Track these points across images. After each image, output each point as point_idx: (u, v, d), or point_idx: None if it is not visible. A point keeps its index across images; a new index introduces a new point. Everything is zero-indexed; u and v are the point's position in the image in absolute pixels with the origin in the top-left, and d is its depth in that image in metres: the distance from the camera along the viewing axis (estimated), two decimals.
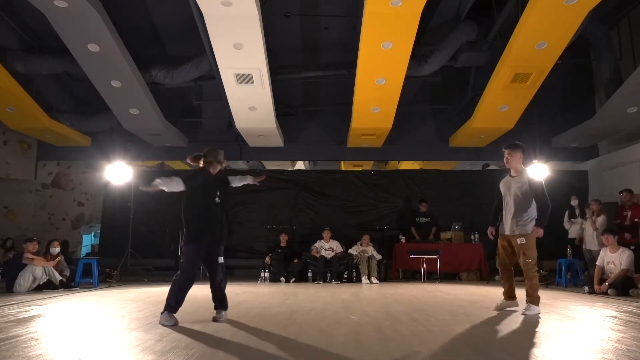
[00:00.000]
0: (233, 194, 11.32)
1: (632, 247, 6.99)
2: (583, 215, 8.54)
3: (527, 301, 4.62)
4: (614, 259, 6.61)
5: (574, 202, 8.75)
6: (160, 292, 7.03)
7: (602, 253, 6.86)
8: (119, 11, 7.83)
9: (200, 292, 6.86)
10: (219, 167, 4.48)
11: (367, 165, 13.24)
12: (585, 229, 8.14)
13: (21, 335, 3.46)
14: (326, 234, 9.49)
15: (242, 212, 11.21)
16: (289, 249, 9.47)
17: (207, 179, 4.36)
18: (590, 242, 7.92)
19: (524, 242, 4.65)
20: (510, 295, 4.88)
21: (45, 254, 7.51)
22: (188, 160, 4.60)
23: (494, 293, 6.77)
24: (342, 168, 13.34)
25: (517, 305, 4.82)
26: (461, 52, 8.57)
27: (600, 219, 7.84)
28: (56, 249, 7.64)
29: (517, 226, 4.71)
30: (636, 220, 7.77)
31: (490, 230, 5.10)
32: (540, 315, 4.50)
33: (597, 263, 6.89)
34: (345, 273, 9.10)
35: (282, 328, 3.79)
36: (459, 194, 11.31)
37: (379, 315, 4.52)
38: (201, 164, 4.44)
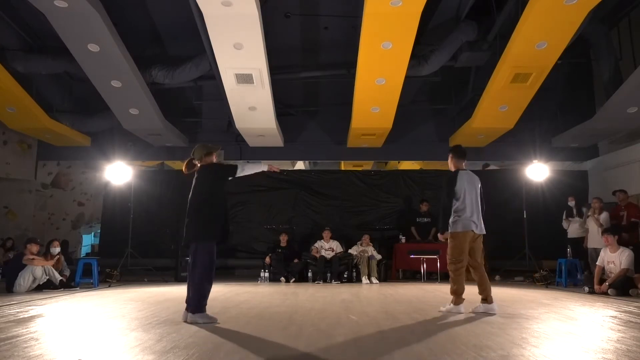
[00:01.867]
0: (233, 194, 11.36)
1: (631, 247, 7.00)
2: (580, 215, 8.56)
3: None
4: (614, 259, 6.62)
5: (571, 202, 8.78)
6: (160, 292, 7.04)
7: (602, 253, 6.86)
8: (119, 11, 7.82)
9: None
10: (209, 156, 4.38)
11: (367, 165, 13.23)
12: (589, 228, 8.12)
13: (21, 335, 3.46)
14: (326, 234, 9.49)
15: (242, 212, 11.22)
16: (289, 249, 9.47)
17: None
18: (594, 240, 7.90)
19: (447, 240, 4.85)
20: (482, 298, 4.74)
21: (46, 254, 7.51)
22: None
23: (494, 293, 6.75)
24: (342, 168, 13.34)
25: (493, 308, 4.66)
26: (461, 52, 8.57)
27: (604, 215, 7.85)
28: (56, 249, 7.64)
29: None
30: (632, 219, 7.77)
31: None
32: (458, 312, 4.62)
33: (597, 263, 6.89)
34: (345, 273, 9.10)
35: (282, 328, 3.79)
36: None
37: (379, 315, 4.52)
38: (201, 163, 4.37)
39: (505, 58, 7.37)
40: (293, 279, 8.96)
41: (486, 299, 4.71)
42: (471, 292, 5.20)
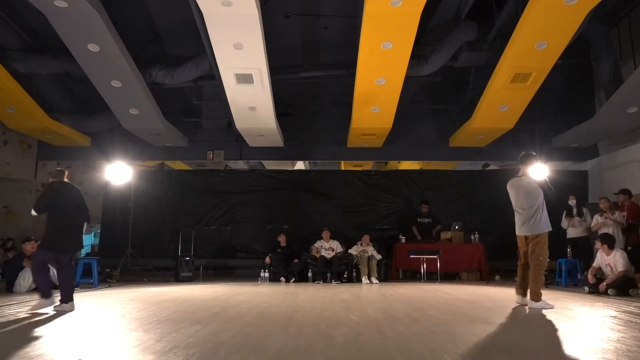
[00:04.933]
0: (233, 194, 11.38)
1: (629, 248, 6.98)
2: (580, 215, 8.54)
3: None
4: (609, 261, 6.63)
5: (572, 201, 8.75)
6: (160, 292, 7.04)
7: (599, 254, 6.87)
8: (119, 11, 7.83)
9: (200, 292, 6.88)
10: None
11: (367, 165, 13.24)
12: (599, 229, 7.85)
13: (21, 335, 3.46)
14: (326, 234, 9.48)
15: (242, 212, 11.23)
16: (288, 249, 9.47)
17: None
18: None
19: None
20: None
21: None
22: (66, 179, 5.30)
23: (494, 293, 6.77)
24: (342, 168, 13.34)
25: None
26: (461, 52, 8.57)
27: (617, 214, 7.71)
28: None
29: None
30: (630, 221, 7.72)
31: None
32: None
33: (593, 264, 6.89)
34: (345, 273, 9.09)
35: (282, 328, 3.79)
36: (459, 194, 11.32)
37: (379, 315, 4.52)
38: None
39: (505, 58, 7.37)
40: (293, 279, 8.96)
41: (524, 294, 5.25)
42: (473, 292, 5.25)
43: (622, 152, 9.78)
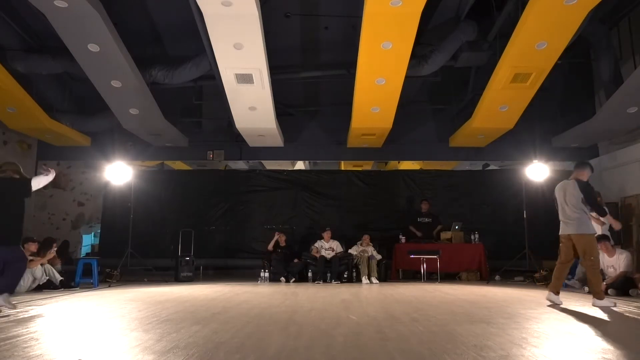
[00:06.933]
0: (233, 194, 11.39)
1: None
2: None
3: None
4: (613, 263, 6.61)
5: None
6: (160, 292, 7.05)
7: (599, 257, 6.83)
8: (119, 11, 7.83)
9: (200, 292, 6.88)
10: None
11: (367, 165, 13.24)
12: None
13: (21, 335, 3.46)
14: (327, 234, 9.48)
15: (242, 212, 11.24)
16: (288, 249, 9.47)
17: None
18: None
19: None
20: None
21: (39, 252, 7.47)
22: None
23: (494, 293, 6.77)
24: (342, 168, 13.34)
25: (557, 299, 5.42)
26: (461, 52, 8.57)
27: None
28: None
29: None
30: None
31: None
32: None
33: None
34: (345, 273, 9.10)
35: (282, 328, 3.79)
36: (459, 194, 11.32)
37: (379, 315, 4.52)
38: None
39: (505, 58, 7.37)
40: (293, 279, 8.97)
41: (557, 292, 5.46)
42: (473, 292, 5.24)
43: (622, 152, 9.77)
